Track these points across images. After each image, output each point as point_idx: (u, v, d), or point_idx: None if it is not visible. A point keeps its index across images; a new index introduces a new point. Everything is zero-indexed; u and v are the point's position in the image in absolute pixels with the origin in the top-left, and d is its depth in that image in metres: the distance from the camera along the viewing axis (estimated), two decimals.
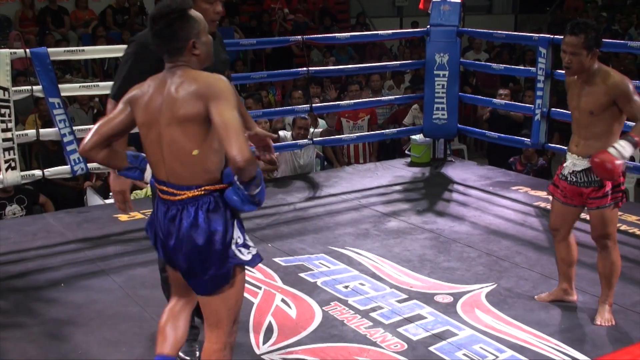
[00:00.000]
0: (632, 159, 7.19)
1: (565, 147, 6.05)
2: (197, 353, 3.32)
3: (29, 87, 5.06)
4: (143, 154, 2.67)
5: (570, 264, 3.89)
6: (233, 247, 2.52)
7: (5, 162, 4.91)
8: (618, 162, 3.32)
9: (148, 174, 2.70)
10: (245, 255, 2.55)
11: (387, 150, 8.12)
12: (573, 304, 3.85)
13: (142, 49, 3.07)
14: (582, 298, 3.92)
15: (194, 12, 2.50)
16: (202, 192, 2.48)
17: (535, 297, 3.97)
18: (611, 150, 3.34)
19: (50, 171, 5.20)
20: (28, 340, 3.54)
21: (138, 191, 5.77)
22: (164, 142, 2.48)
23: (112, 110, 2.88)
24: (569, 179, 3.64)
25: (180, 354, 3.26)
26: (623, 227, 5.03)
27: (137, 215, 5.17)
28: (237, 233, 2.53)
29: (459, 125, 6.80)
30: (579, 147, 3.59)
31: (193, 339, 3.34)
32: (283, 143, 6.38)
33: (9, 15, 10.67)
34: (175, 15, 2.45)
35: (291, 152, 6.55)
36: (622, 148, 3.34)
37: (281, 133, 6.66)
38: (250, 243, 2.59)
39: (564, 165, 3.69)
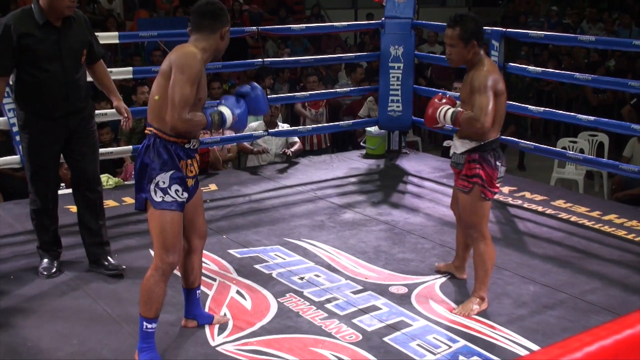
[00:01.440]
0: (581, 151, 7.36)
1: (519, 140, 6.20)
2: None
3: None
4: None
5: (465, 247, 3.99)
6: (152, 185, 3.04)
7: None
8: (432, 114, 3.64)
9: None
10: (157, 197, 3.05)
11: (342, 142, 8.15)
12: (525, 293, 3.92)
13: (6, 29, 3.73)
14: (532, 288, 3.99)
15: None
16: (149, 132, 3.08)
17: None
18: (440, 108, 3.60)
19: None
20: None
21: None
22: None
23: None
24: (452, 159, 3.78)
25: (40, 270, 4.10)
26: (573, 219, 5.13)
27: None
28: (164, 178, 3.04)
29: (414, 118, 6.85)
30: (459, 131, 3.70)
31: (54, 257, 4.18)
32: (242, 134, 6.37)
33: None
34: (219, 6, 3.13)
35: (264, 145, 6.59)
36: (445, 113, 3.58)
37: (252, 124, 6.66)
38: (173, 194, 3.05)
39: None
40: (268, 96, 6.40)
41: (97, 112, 4.50)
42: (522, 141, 6.22)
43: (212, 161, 6.27)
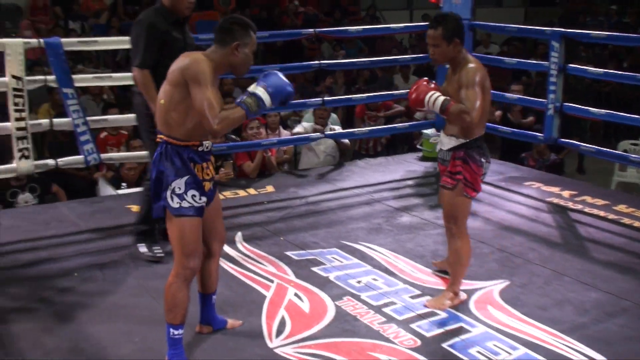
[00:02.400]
0: None
1: (580, 143, 6.07)
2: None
3: (42, 77, 5.07)
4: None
5: None
6: (168, 191, 3.05)
7: (19, 151, 4.93)
8: (421, 97, 3.56)
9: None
10: (174, 203, 3.06)
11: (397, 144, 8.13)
12: (587, 300, 3.84)
13: (151, 27, 4.07)
14: (594, 295, 3.91)
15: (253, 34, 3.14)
16: (160, 139, 3.09)
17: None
18: (430, 93, 3.54)
19: (63, 161, 5.20)
20: (41, 329, 3.56)
21: None
22: None
23: (142, 77, 4.09)
24: (438, 155, 3.85)
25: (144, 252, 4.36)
26: (636, 224, 5.01)
27: None
28: (179, 184, 3.04)
29: None
30: (446, 128, 3.76)
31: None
32: (299, 136, 6.42)
33: (19, 4, 10.70)
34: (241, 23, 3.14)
35: (310, 146, 6.62)
36: (435, 100, 3.52)
37: (300, 127, 6.70)
38: (189, 199, 3.06)
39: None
40: (325, 98, 6.42)
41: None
42: (583, 144, 6.09)
43: (267, 165, 6.30)
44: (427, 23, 8.61)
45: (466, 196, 3.72)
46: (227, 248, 4.46)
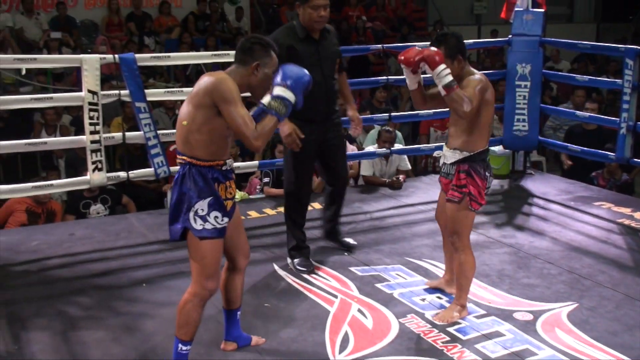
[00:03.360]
0: None
1: None
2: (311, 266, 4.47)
3: (116, 92, 5.22)
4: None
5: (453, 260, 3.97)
6: (191, 213, 3.03)
7: (92, 163, 5.07)
8: (437, 59, 3.49)
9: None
10: (197, 225, 3.05)
11: None
12: None
13: (275, 42, 3.79)
14: None
15: (274, 54, 3.16)
16: (183, 161, 3.07)
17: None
18: (445, 65, 3.51)
19: (134, 173, 5.33)
20: (110, 339, 3.65)
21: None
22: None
23: None
24: (442, 169, 3.86)
25: (298, 267, 4.46)
26: None
27: None
28: (202, 205, 3.03)
29: (540, 138, 6.67)
30: (449, 142, 3.79)
31: (307, 255, 4.53)
32: (365, 151, 6.42)
33: (95, 20, 11.06)
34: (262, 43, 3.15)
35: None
36: (447, 74, 3.50)
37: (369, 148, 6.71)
38: (212, 221, 3.05)
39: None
40: (392, 114, 6.41)
41: None
42: None
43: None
44: (497, 39, 8.54)
45: (471, 209, 3.75)
46: (291, 262, 4.50)
